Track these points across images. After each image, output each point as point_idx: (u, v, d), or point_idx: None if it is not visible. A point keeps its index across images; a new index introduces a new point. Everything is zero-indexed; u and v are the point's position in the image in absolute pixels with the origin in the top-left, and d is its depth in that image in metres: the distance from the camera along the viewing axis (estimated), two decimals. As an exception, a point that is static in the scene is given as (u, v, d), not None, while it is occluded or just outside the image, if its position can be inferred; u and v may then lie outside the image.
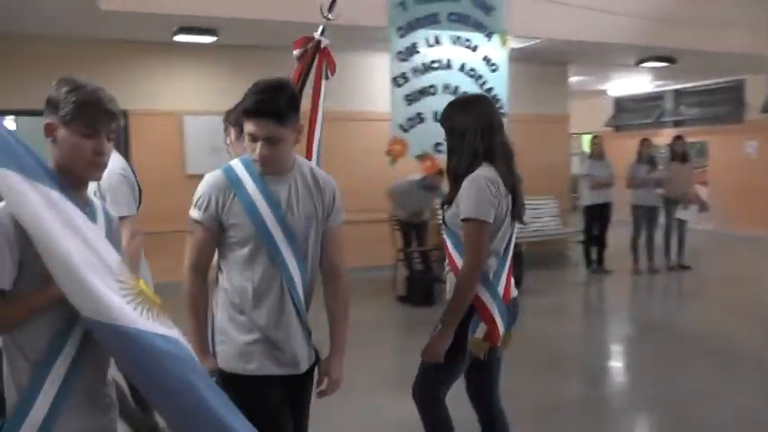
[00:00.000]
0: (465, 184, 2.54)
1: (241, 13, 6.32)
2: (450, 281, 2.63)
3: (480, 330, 2.57)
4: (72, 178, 1.71)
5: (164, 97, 7.45)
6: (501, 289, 2.60)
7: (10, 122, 11.55)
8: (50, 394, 1.63)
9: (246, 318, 2.20)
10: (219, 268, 2.27)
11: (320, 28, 3.09)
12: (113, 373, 1.86)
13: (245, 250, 2.19)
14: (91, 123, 1.68)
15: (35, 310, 1.63)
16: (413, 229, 7.44)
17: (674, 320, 6.77)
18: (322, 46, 3.10)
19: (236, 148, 2.93)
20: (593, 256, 8.76)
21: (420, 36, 5.55)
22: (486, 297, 2.57)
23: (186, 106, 7.59)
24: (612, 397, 4.69)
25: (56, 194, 1.62)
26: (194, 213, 2.18)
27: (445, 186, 6.90)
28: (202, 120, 7.38)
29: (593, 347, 5.92)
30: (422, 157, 5.68)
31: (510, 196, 2.60)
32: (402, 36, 5.52)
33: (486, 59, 5.64)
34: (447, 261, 2.68)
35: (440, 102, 5.24)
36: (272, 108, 2.09)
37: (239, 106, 2.29)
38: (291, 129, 2.16)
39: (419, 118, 5.47)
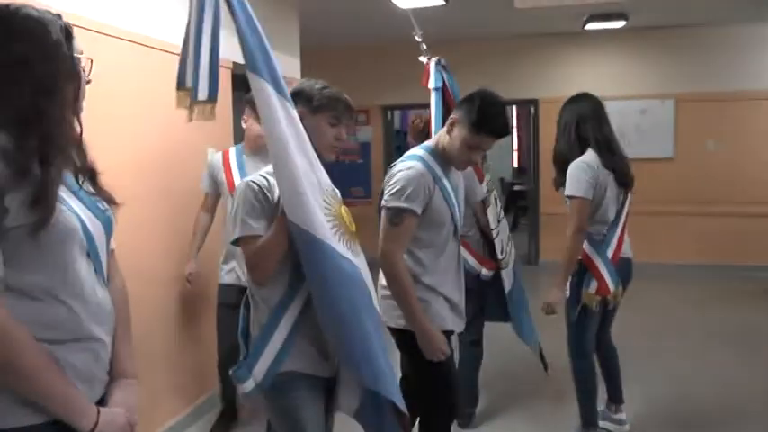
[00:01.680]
0: (569, 168, 3.11)
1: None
2: None
3: (593, 286, 3.13)
4: None
5: (572, 84, 7.74)
6: (610, 252, 3.15)
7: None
8: (283, 334, 1.89)
9: (432, 287, 2.47)
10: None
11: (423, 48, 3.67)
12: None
13: (441, 231, 2.48)
14: (337, 115, 2.03)
15: (284, 237, 1.84)
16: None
17: None
18: (435, 61, 3.60)
19: None
20: None
21: None
22: (595, 258, 3.14)
23: (593, 92, 7.74)
24: None
25: (296, 114, 1.88)
26: (405, 204, 2.33)
27: None
28: (609, 105, 7.38)
29: None
30: None
31: (611, 175, 3.12)
32: None
33: None
34: None
35: None
36: (507, 129, 2.45)
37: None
38: None
39: None
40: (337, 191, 2.02)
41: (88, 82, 1.49)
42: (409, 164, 2.42)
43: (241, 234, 1.90)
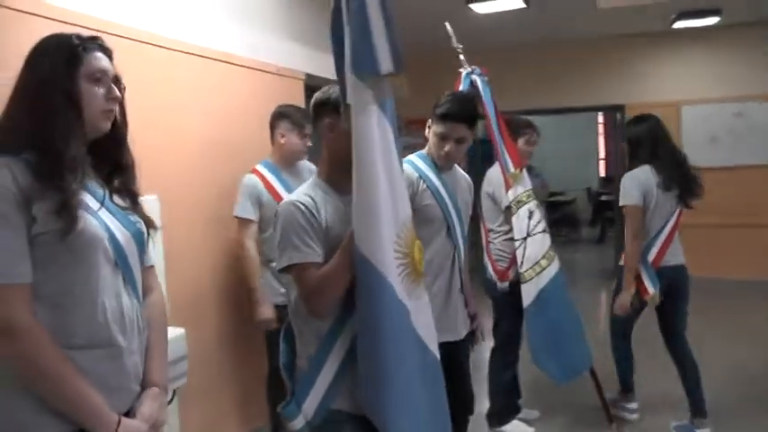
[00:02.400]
0: (621, 181, 3.45)
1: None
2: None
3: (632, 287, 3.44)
4: (343, 168, 1.77)
5: (660, 88, 7.32)
6: (651, 257, 3.42)
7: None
8: (334, 366, 1.75)
9: None
10: None
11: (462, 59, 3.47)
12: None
13: (430, 228, 2.47)
14: None
15: (347, 261, 1.69)
16: None
17: None
18: (467, 71, 3.42)
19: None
20: None
21: None
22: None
23: (683, 95, 7.32)
24: None
25: (392, 136, 1.73)
26: None
27: None
28: (700, 108, 7.18)
29: None
30: None
31: (667, 192, 3.37)
32: None
33: None
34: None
35: None
36: (470, 114, 2.49)
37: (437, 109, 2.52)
38: (473, 133, 2.56)
39: None
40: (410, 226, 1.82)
41: (119, 100, 1.52)
42: None
43: (294, 261, 1.73)
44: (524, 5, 5.71)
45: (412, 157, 2.64)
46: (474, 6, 5.68)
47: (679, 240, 3.50)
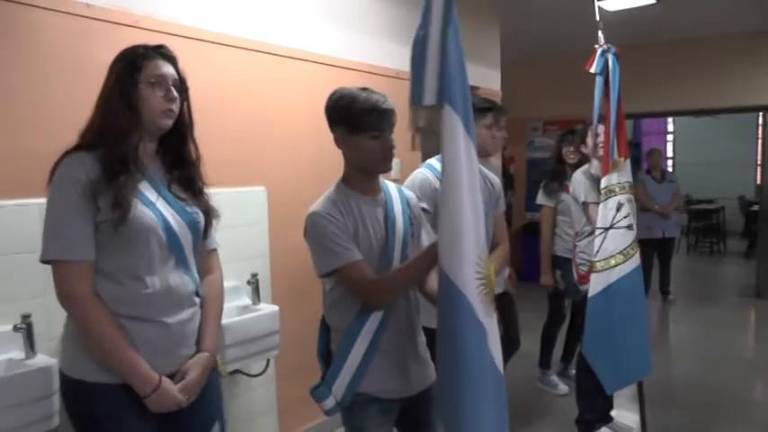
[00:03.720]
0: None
1: None
2: None
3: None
4: (362, 173, 1.96)
5: None
6: None
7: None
8: (361, 350, 1.90)
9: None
10: None
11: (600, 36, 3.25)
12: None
13: None
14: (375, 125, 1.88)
15: (420, 270, 1.85)
16: None
17: None
18: (602, 48, 3.20)
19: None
20: None
21: None
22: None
23: None
24: None
25: (475, 159, 1.75)
26: None
27: None
28: None
29: None
30: None
31: None
32: None
33: None
34: None
35: None
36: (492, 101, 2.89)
37: None
38: None
39: None
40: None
41: (176, 100, 1.70)
42: (416, 171, 2.74)
43: (335, 266, 1.84)
44: (654, 1, 5.56)
45: (432, 161, 2.74)
46: (603, 4, 5.52)
47: None
